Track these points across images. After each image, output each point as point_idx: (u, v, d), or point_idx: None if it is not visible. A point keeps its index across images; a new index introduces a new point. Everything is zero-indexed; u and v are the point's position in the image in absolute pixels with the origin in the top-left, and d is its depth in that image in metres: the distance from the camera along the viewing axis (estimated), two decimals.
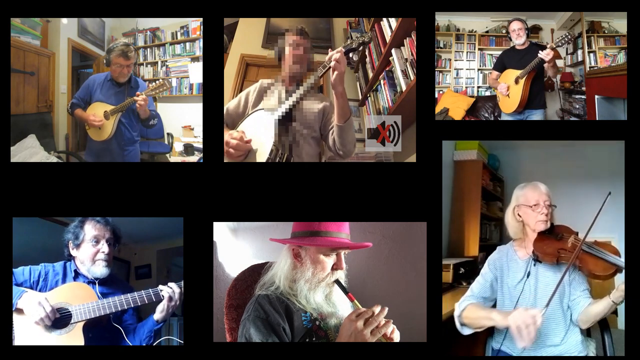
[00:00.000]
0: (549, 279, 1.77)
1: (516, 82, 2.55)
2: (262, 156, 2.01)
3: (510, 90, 2.59)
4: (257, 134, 2.05)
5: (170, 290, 1.83)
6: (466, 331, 1.80)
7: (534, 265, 1.81)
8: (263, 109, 2.11)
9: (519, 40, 2.59)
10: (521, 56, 2.59)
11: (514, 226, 1.90)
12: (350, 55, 2.18)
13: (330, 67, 1.92)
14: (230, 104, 2.22)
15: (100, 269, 1.88)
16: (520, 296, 1.78)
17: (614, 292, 1.66)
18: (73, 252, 1.91)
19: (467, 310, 1.80)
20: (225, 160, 2.05)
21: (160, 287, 1.85)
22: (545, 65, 2.48)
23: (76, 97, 2.52)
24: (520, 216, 1.87)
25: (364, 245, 1.66)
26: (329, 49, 1.96)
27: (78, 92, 2.56)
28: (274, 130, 2.01)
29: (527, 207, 1.84)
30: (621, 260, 1.70)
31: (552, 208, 1.84)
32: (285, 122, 2.05)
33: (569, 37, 2.41)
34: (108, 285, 1.92)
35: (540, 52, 2.46)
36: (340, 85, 1.93)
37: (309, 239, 1.57)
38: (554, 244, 1.79)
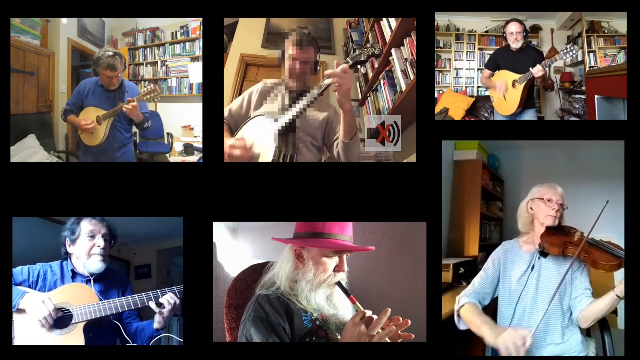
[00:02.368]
0: (551, 274, 1.79)
1: (513, 85, 2.54)
2: (265, 160, 1.99)
3: (507, 93, 2.58)
4: (259, 139, 2.02)
5: (171, 299, 1.84)
6: (463, 327, 1.81)
7: (539, 259, 1.83)
8: (264, 114, 2.05)
9: (516, 44, 2.55)
10: (517, 58, 2.57)
11: (525, 218, 1.93)
12: (359, 67, 2.08)
13: (332, 84, 1.80)
14: (233, 104, 2.18)
15: (95, 264, 1.88)
16: (523, 291, 1.80)
17: (618, 287, 1.67)
18: (70, 249, 1.92)
19: (465, 309, 1.82)
20: (225, 160, 2.04)
21: (160, 293, 1.85)
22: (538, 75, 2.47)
23: (69, 104, 2.51)
24: (532, 209, 1.90)
25: (367, 249, 1.67)
26: (332, 54, 1.92)
27: (70, 98, 2.56)
28: (275, 139, 1.97)
29: (541, 201, 1.88)
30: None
31: (563, 209, 1.87)
32: (287, 132, 1.98)
33: (574, 50, 2.39)
34: (105, 281, 1.92)
35: (531, 68, 2.45)
36: (347, 102, 1.81)
37: (312, 240, 1.56)
38: (561, 237, 1.82)
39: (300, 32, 2.05)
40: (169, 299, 1.84)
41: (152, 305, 1.84)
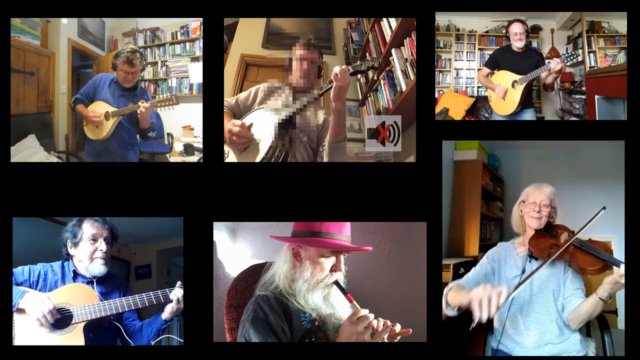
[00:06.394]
0: (544, 276, 1.79)
1: (513, 86, 2.53)
2: (260, 151, 2.00)
3: (506, 94, 2.57)
4: (258, 130, 2.05)
5: (180, 295, 1.85)
6: (450, 312, 1.80)
7: (530, 262, 1.83)
8: (266, 108, 2.11)
9: (519, 44, 2.54)
10: (518, 59, 2.56)
11: (517, 220, 1.97)
12: (359, 77, 2.15)
13: (333, 85, 1.85)
14: (241, 95, 2.24)
15: (98, 267, 1.89)
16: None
17: (600, 288, 1.67)
18: (71, 251, 1.91)
19: (452, 290, 1.81)
20: (226, 149, 2.04)
21: (168, 289, 1.86)
22: (545, 74, 2.45)
23: (81, 93, 2.51)
24: (522, 211, 1.94)
25: (364, 249, 1.67)
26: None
27: (84, 87, 2.55)
28: (274, 131, 2.00)
29: (525, 204, 1.92)
30: (611, 257, 1.71)
31: (550, 209, 1.88)
32: (286, 126, 2.03)
33: (575, 55, 2.39)
34: (106, 284, 1.92)
35: (550, 61, 2.43)
36: (338, 101, 1.84)
37: (309, 239, 1.56)
38: (547, 240, 1.83)
39: (306, 38, 2.18)
40: (180, 294, 1.85)
41: (172, 295, 1.85)
